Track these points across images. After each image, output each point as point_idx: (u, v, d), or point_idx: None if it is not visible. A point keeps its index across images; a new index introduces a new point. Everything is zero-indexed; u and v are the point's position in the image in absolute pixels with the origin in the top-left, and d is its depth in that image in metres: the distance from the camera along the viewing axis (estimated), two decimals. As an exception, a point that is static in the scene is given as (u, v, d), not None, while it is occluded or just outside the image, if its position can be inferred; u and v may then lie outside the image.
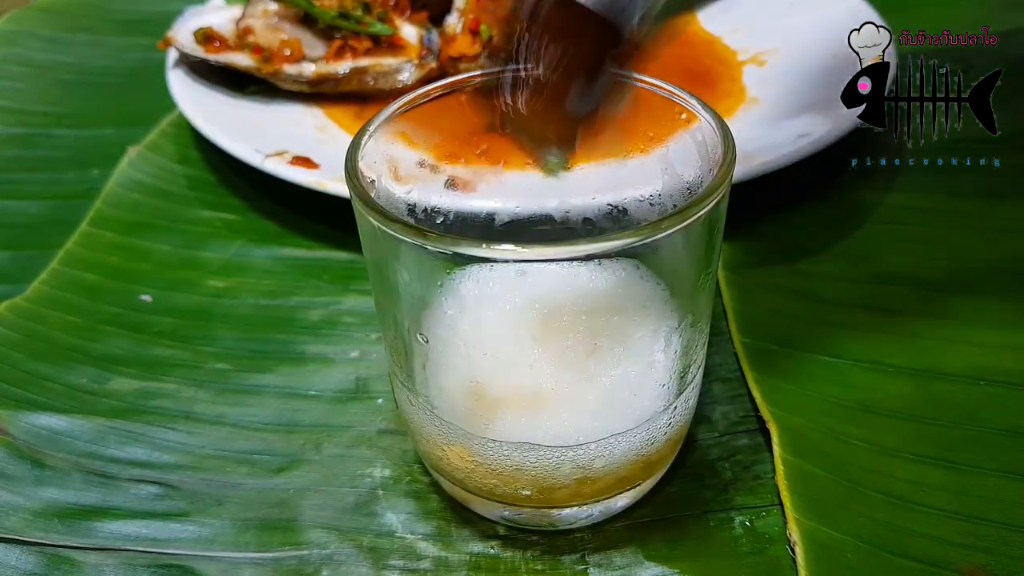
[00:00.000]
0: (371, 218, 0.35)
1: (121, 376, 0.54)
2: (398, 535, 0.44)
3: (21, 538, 0.44)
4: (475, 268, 0.39)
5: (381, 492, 0.46)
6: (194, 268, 0.63)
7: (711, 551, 0.42)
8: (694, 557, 0.42)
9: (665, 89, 0.42)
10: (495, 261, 0.36)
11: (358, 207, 0.36)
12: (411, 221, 0.36)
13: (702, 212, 0.35)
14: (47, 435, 0.50)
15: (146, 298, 0.61)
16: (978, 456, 0.45)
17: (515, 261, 0.36)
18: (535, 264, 0.39)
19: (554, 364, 0.38)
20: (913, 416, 0.48)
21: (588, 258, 0.36)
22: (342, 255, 0.64)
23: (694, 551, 0.43)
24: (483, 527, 0.44)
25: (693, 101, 0.41)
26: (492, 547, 0.43)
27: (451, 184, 0.47)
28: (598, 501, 0.42)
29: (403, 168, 0.44)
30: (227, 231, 0.67)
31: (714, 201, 0.35)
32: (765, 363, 0.52)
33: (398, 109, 0.42)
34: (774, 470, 0.45)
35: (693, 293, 0.39)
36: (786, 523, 0.43)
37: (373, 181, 0.41)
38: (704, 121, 0.40)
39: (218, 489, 0.47)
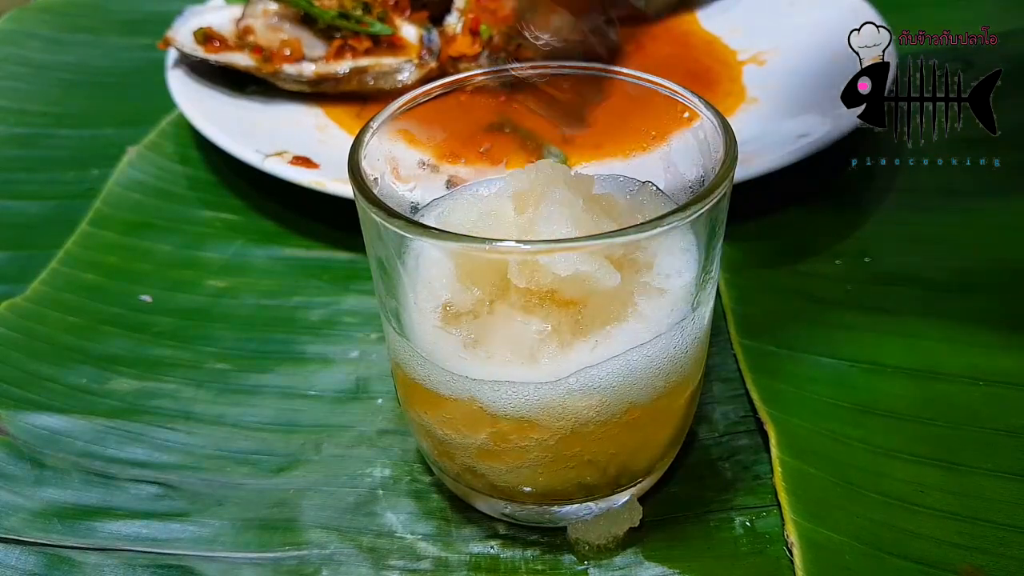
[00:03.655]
0: (373, 215, 0.36)
1: (121, 376, 0.54)
2: (398, 535, 0.44)
3: (21, 538, 0.44)
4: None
5: (381, 492, 0.46)
6: (194, 268, 0.64)
7: (711, 551, 0.42)
8: (694, 557, 0.42)
9: (667, 87, 0.42)
10: (498, 255, 0.36)
11: (361, 204, 0.37)
12: (413, 218, 0.36)
13: (704, 209, 0.35)
14: (47, 435, 0.50)
15: (146, 298, 0.61)
16: (977, 457, 0.45)
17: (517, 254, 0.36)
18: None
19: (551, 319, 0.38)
20: (912, 416, 0.48)
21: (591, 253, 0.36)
22: (342, 255, 0.64)
23: (694, 551, 0.43)
24: (483, 527, 0.44)
25: (695, 99, 0.41)
26: (492, 547, 0.43)
27: (451, 184, 0.47)
28: (598, 498, 0.42)
29: (404, 167, 0.44)
30: (227, 231, 0.67)
31: (715, 199, 0.36)
32: (764, 364, 0.52)
33: (400, 108, 0.42)
34: (773, 471, 0.45)
35: (694, 292, 0.39)
36: (783, 524, 0.43)
37: (376, 179, 0.41)
38: (706, 119, 0.40)
39: (218, 489, 0.47)
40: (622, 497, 0.43)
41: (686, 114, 0.41)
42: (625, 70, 0.43)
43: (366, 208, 0.36)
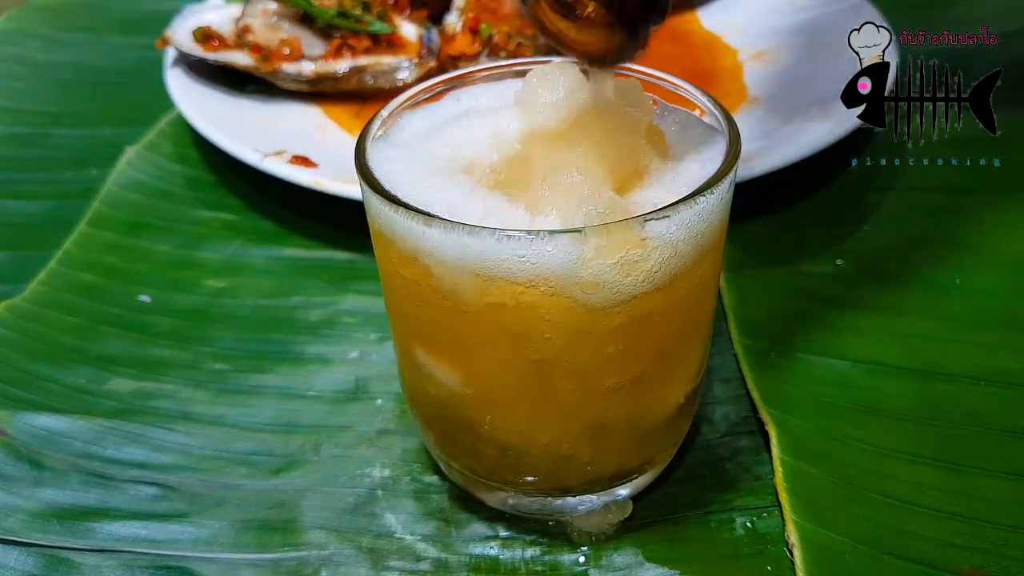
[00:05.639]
0: (377, 201, 0.36)
1: (120, 376, 0.54)
2: (397, 536, 0.44)
3: (20, 539, 0.44)
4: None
5: (380, 493, 0.46)
6: (193, 268, 0.63)
7: (712, 552, 0.42)
8: (694, 558, 0.42)
9: (673, 83, 0.42)
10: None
11: (367, 194, 0.37)
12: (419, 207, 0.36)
13: (707, 199, 0.35)
14: (45, 435, 0.50)
15: (145, 298, 0.61)
16: (978, 457, 0.45)
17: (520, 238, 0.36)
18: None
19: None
20: (913, 416, 0.48)
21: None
22: (341, 255, 0.64)
23: (694, 552, 0.43)
24: (483, 528, 0.44)
25: (699, 95, 0.41)
26: (492, 548, 0.43)
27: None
28: (598, 491, 0.43)
29: None
30: (226, 231, 0.67)
31: (717, 193, 0.36)
32: (765, 364, 0.52)
33: (405, 102, 0.42)
34: (773, 471, 0.45)
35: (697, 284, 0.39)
36: (784, 525, 0.43)
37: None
38: (710, 115, 0.40)
39: (217, 490, 0.47)
40: (623, 490, 0.43)
41: (692, 110, 0.42)
42: (629, 64, 0.43)
43: (371, 198, 0.36)
